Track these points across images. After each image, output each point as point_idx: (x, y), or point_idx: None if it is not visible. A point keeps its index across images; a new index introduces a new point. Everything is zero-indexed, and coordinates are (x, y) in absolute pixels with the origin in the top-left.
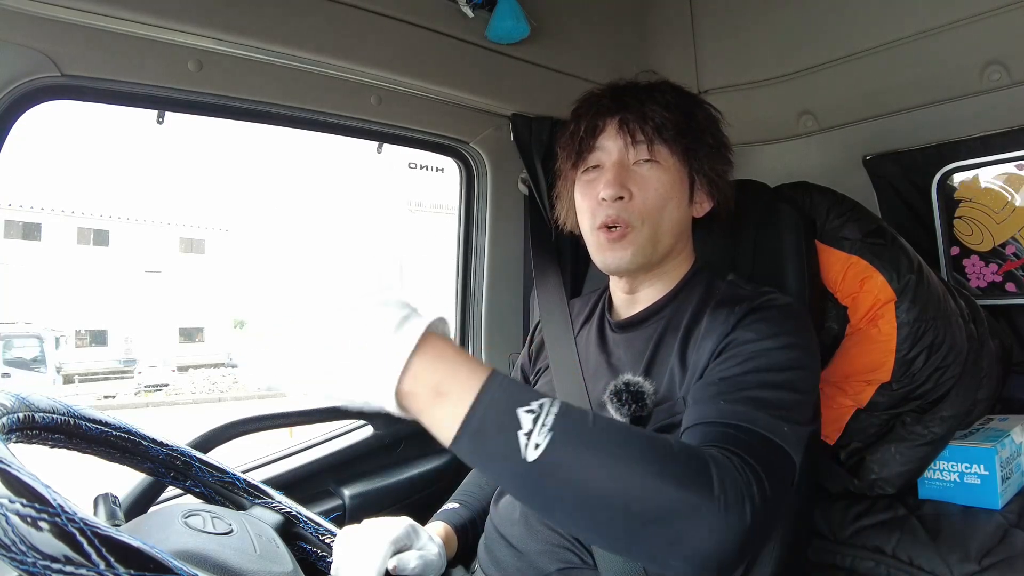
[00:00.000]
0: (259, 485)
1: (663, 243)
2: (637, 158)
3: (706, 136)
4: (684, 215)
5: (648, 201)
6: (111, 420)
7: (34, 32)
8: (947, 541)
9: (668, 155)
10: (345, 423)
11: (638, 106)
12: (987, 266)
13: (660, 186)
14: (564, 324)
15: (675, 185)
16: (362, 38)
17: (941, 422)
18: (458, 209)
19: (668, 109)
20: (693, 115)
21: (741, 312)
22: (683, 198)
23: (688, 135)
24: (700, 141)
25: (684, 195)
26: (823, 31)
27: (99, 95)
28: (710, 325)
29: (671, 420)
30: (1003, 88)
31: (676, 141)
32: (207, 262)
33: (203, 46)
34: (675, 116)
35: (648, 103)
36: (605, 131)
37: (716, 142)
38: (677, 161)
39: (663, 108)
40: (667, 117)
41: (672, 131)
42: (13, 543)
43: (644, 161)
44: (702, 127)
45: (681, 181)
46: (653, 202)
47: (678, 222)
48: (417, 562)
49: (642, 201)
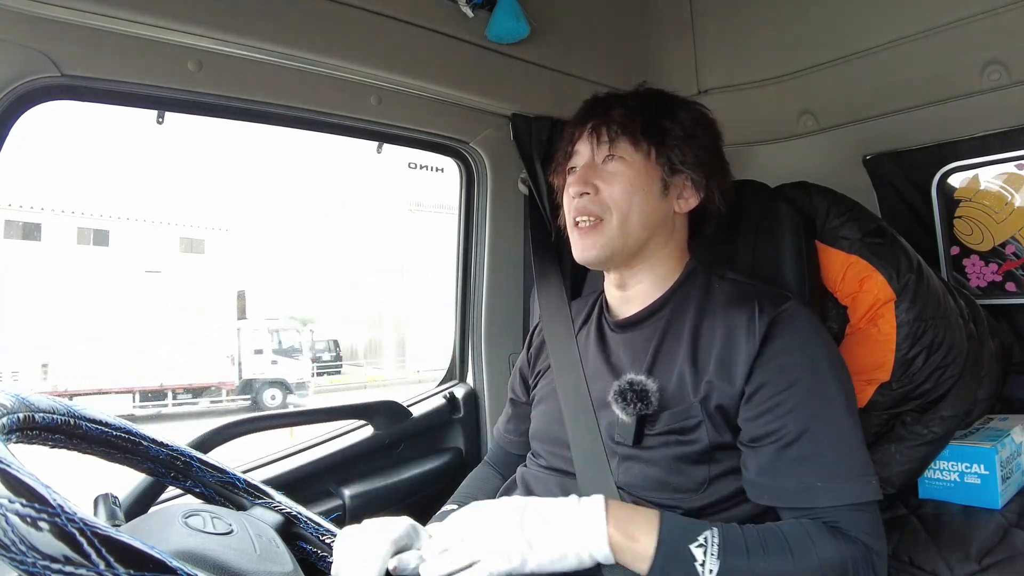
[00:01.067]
0: (259, 485)
1: (634, 234)
2: (603, 156)
3: (675, 130)
4: (656, 208)
5: (614, 193)
6: (111, 420)
7: (34, 32)
8: (947, 541)
9: (632, 151)
10: (345, 423)
11: (604, 111)
12: (987, 266)
13: (624, 179)
14: (566, 324)
15: (640, 178)
16: (362, 38)
17: (941, 422)
18: (458, 209)
19: (632, 109)
20: (666, 112)
21: (764, 326)
22: (651, 191)
23: (652, 131)
24: (666, 135)
25: (652, 188)
26: (823, 31)
27: (99, 95)
28: (725, 328)
29: (683, 424)
30: (1003, 88)
31: (639, 137)
32: (207, 262)
33: (203, 46)
34: (639, 114)
35: (615, 107)
36: (581, 137)
37: (687, 135)
38: (641, 156)
39: (626, 109)
40: (629, 116)
41: (634, 128)
42: (13, 543)
43: (609, 158)
44: (674, 122)
45: (647, 174)
46: (619, 194)
47: (649, 214)
48: (418, 562)
49: (608, 194)
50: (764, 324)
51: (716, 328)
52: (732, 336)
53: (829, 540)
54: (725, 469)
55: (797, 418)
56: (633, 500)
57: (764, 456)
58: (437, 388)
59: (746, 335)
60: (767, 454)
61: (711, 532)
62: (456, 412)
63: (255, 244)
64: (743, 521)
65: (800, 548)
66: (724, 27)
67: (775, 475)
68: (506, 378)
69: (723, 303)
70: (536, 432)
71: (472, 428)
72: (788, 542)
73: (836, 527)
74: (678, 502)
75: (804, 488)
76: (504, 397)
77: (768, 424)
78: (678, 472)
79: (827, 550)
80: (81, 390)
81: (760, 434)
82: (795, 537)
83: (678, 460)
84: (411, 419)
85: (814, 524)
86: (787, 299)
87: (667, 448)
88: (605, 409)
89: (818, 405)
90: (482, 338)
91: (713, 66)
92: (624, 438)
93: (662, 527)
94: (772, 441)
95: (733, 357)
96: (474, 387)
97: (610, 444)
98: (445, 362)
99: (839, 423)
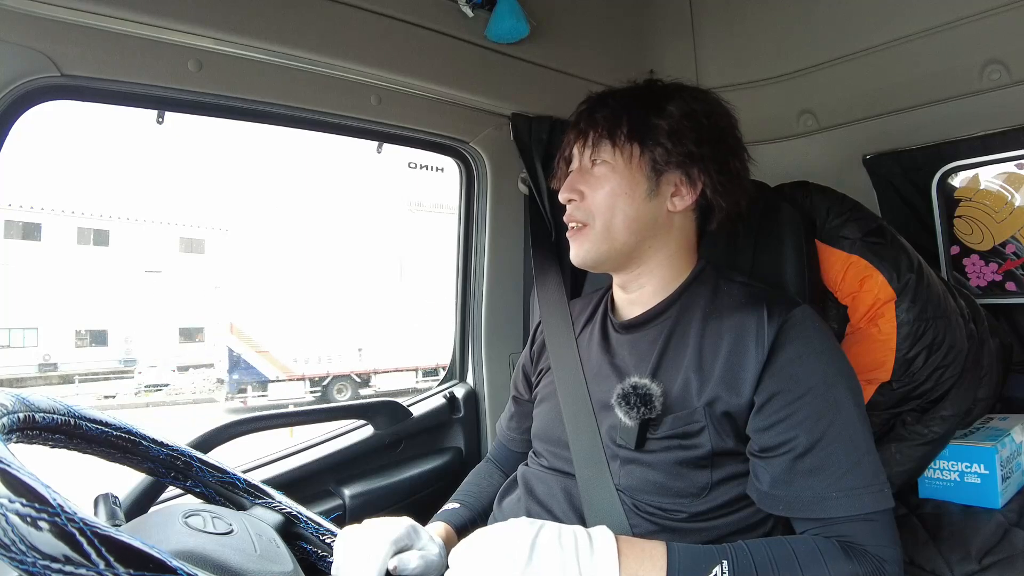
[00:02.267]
0: (259, 485)
1: (619, 239)
2: (590, 160)
3: (663, 126)
4: (642, 210)
5: (596, 199)
6: (111, 420)
7: (34, 32)
8: (947, 540)
9: (613, 154)
10: (345, 423)
11: (589, 114)
12: (987, 265)
13: (608, 184)
14: (565, 325)
15: (623, 181)
16: (362, 38)
17: (941, 421)
18: (458, 209)
19: (615, 110)
20: (657, 107)
21: (772, 333)
22: (635, 193)
23: (636, 131)
24: (650, 133)
25: (637, 190)
26: (823, 30)
27: (99, 95)
28: (733, 333)
29: (686, 428)
30: (1003, 87)
31: (621, 138)
32: (207, 262)
33: (203, 46)
34: (623, 114)
35: (599, 108)
36: (574, 142)
37: (673, 130)
38: (623, 158)
39: (610, 110)
40: (609, 119)
41: (613, 130)
42: (13, 543)
43: (593, 163)
44: (663, 116)
45: (631, 177)
46: (602, 199)
47: (634, 218)
48: (418, 562)
49: (592, 200)
50: (773, 331)
51: (723, 332)
52: (740, 341)
53: (842, 560)
54: (727, 475)
55: (810, 428)
56: (633, 503)
57: (777, 467)
58: (437, 388)
59: (755, 341)
60: (780, 465)
61: (720, 568)
62: (456, 412)
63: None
64: (744, 526)
65: (811, 567)
66: (724, 27)
67: (789, 487)
68: (506, 378)
69: (731, 306)
70: (537, 432)
71: (472, 428)
72: (799, 563)
73: (849, 542)
74: (679, 506)
75: (819, 499)
76: (504, 397)
77: (781, 434)
78: (679, 477)
79: (838, 569)
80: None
81: (772, 444)
82: (807, 558)
83: (680, 464)
84: (411, 419)
85: (827, 543)
86: (796, 304)
87: (669, 452)
88: (607, 411)
89: (830, 414)
90: (482, 338)
91: (713, 65)
92: (626, 441)
93: (669, 568)
94: (785, 452)
95: (741, 363)
96: (474, 387)
97: (611, 446)
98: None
99: (851, 431)
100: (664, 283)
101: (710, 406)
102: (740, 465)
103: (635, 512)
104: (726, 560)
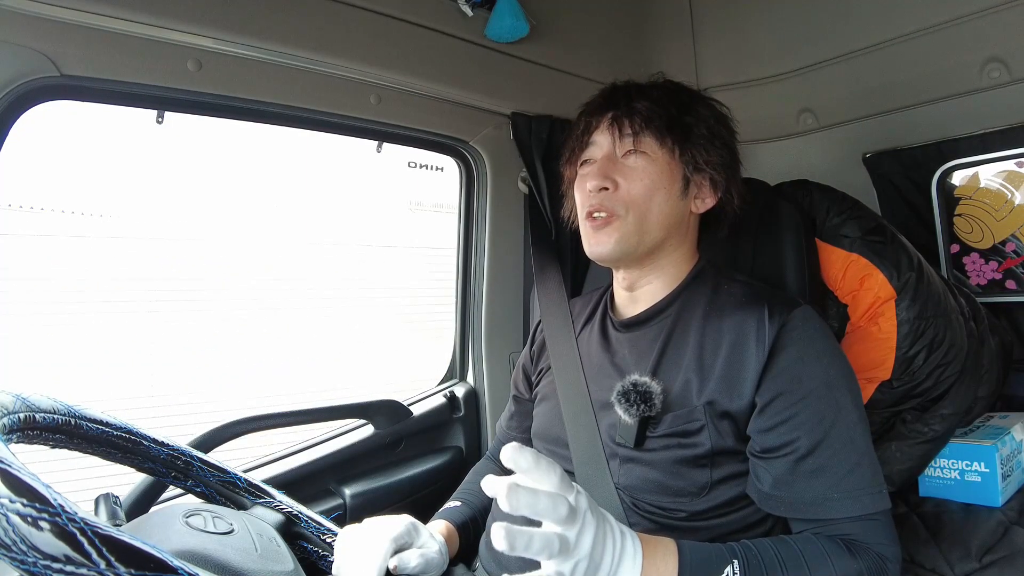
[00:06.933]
0: (260, 484)
1: (651, 234)
2: (625, 150)
3: (700, 128)
4: (675, 208)
5: (633, 191)
6: (112, 420)
7: (34, 32)
8: (948, 538)
9: (656, 147)
10: (346, 422)
11: (627, 102)
12: (987, 263)
13: (646, 176)
14: (565, 323)
15: (663, 176)
16: (362, 37)
17: (942, 420)
18: (458, 208)
19: (657, 103)
20: (689, 108)
21: (773, 334)
22: (672, 190)
23: (677, 127)
24: (691, 133)
25: (674, 187)
26: (823, 29)
27: (99, 95)
28: (733, 332)
29: (686, 427)
30: (1003, 85)
31: (664, 133)
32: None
33: (203, 46)
34: (664, 110)
35: (638, 99)
36: (598, 127)
37: (711, 134)
38: (665, 153)
39: (651, 102)
40: (654, 110)
41: (659, 123)
42: (14, 543)
43: (631, 153)
44: (697, 119)
45: (670, 173)
46: (639, 191)
47: (668, 214)
48: (418, 560)
49: (627, 191)
50: (774, 331)
51: (724, 331)
52: (740, 341)
53: (845, 557)
54: (726, 474)
55: (812, 429)
56: (632, 502)
57: (779, 468)
58: (438, 387)
59: (755, 342)
60: (782, 466)
61: (731, 568)
62: (456, 411)
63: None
64: (743, 526)
65: (818, 567)
66: (724, 25)
67: (791, 488)
68: (506, 377)
69: (731, 305)
70: (537, 431)
71: (472, 427)
72: (807, 563)
73: (851, 539)
74: (678, 505)
75: (820, 500)
76: (504, 396)
77: (782, 436)
78: (678, 475)
79: (844, 567)
80: None
81: (774, 445)
82: (814, 558)
83: (679, 463)
84: (411, 418)
85: (830, 541)
86: (797, 304)
87: (668, 451)
88: (607, 409)
89: (832, 415)
90: (482, 337)
91: (713, 64)
92: (625, 440)
93: (681, 565)
94: (787, 453)
95: (742, 363)
96: (474, 386)
97: (610, 445)
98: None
99: (852, 432)
100: (668, 281)
101: (710, 405)
102: (740, 464)
103: (634, 511)
104: (736, 560)
